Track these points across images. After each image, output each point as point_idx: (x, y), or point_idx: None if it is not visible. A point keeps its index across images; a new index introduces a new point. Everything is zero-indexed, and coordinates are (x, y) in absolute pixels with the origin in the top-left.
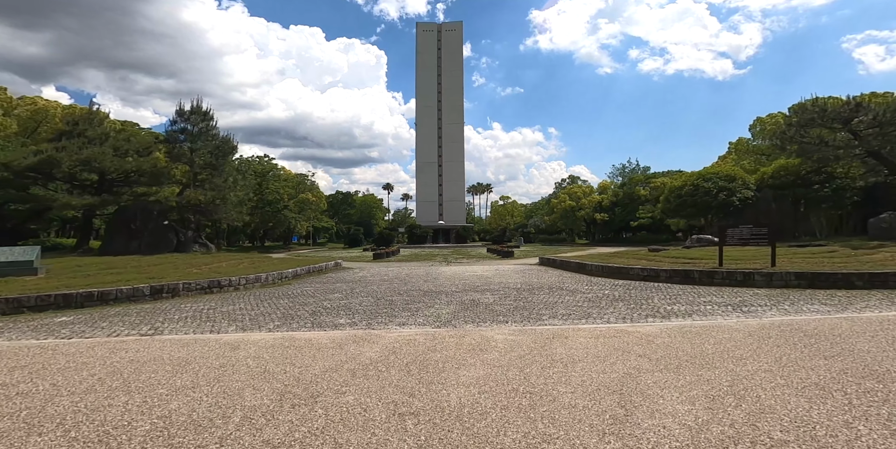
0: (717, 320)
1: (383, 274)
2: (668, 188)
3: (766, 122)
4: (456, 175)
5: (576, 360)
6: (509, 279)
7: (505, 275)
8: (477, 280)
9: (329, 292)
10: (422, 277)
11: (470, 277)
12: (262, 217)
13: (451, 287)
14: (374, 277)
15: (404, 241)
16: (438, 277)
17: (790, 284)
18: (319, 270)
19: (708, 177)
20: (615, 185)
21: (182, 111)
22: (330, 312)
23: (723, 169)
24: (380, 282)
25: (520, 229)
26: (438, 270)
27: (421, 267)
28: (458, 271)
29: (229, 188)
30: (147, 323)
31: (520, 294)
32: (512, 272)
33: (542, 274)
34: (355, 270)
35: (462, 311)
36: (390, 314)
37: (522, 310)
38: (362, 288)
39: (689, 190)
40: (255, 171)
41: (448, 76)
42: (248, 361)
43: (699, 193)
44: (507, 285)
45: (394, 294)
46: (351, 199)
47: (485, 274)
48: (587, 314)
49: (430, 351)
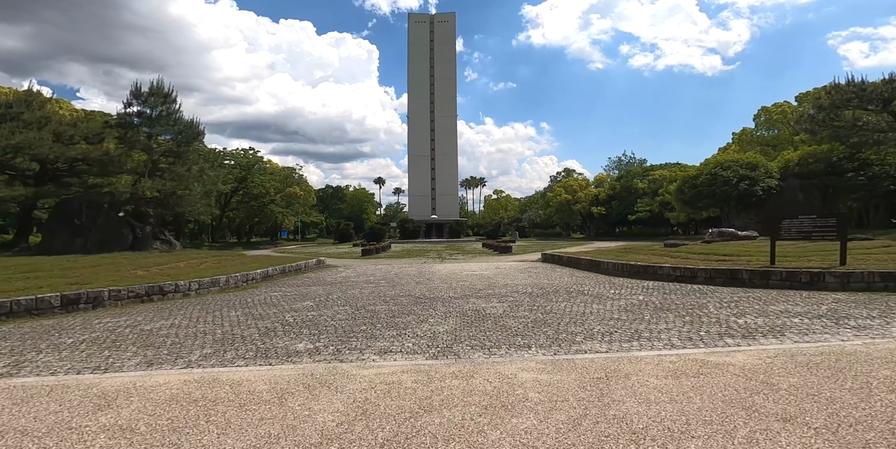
0: (832, 342)
1: (370, 274)
2: (679, 178)
3: (771, 112)
4: (449, 168)
5: (675, 433)
6: (515, 280)
7: (509, 275)
8: (477, 281)
9: (298, 299)
10: (413, 278)
11: (468, 277)
12: (247, 212)
13: (448, 291)
14: (359, 278)
15: (396, 236)
16: (432, 277)
17: (874, 286)
18: (297, 269)
19: (727, 165)
20: (612, 179)
21: (138, 92)
22: (289, 331)
23: (742, 157)
24: (364, 284)
25: (514, 223)
26: (432, 268)
27: (412, 265)
28: (454, 270)
29: (193, 178)
30: (17, 352)
31: (534, 301)
32: (516, 271)
33: (551, 273)
34: (339, 269)
35: (465, 327)
36: (370, 334)
37: (544, 326)
38: (341, 293)
39: (706, 179)
40: (239, 165)
41: (441, 68)
42: (99, 440)
43: (717, 183)
44: (514, 289)
45: (378, 302)
46: (341, 194)
47: (485, 273)
48: (635, 333)
49: (423, 410)
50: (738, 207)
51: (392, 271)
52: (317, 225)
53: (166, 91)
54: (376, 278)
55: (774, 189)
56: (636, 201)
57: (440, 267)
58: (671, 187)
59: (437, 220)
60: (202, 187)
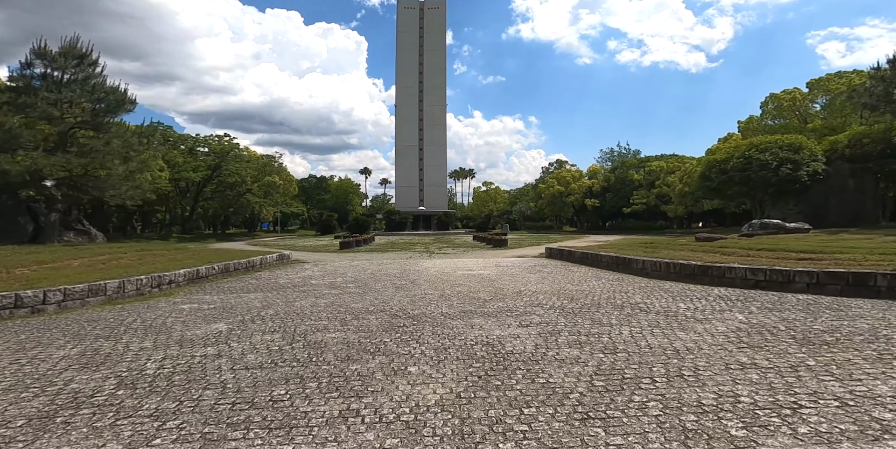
0: None
1: (340, 273)
2: (703, 163)
3: (781, 99)
4: (437, 159)
5: None
6: (529, 284)
7: (516, 276)
8: (478, 285)
9: (212, 318)
10: (393, 280)
11: (465, 278)
12: (221, 202)
13: (440, 304)
14: (322, 280)
15: (382, 228)
16: (418, 278)
17: None
18: (247, 267)
19: (764, 146)
20: (605, 170)
21: (42, 51)
22: (102, 413)
23: (781, 137)
24: (324, 290)
25: (505, 216)
26: (418, 265)
27: (395, 260)
28: (445, 268)
29: (115, 154)
30: None
31: (575, 324)
32: (522, 271)
33: (569, 274)
34: (305, 266)
35: (475, 389)
36: (281, 416)
37: (626, 386)
38: (283, 306)
39: (738, 164)
40: (213, 152)
41: (430, 56)
42: None
43: (753, 167)
44: (534, 299)
45: (332, 323)
46: (325, 184)
47: (484, 273)
48: (833, 414)
49: None
50: (774, 196)
51: (369, 270)
52: (298, 216)
53: (83, 51)
54: (345, 280)
55: (820, 174)
56: (632, 193)
57: (428, 263)
58: (670, 179)
59: (424, 211)
60: (126, 166)
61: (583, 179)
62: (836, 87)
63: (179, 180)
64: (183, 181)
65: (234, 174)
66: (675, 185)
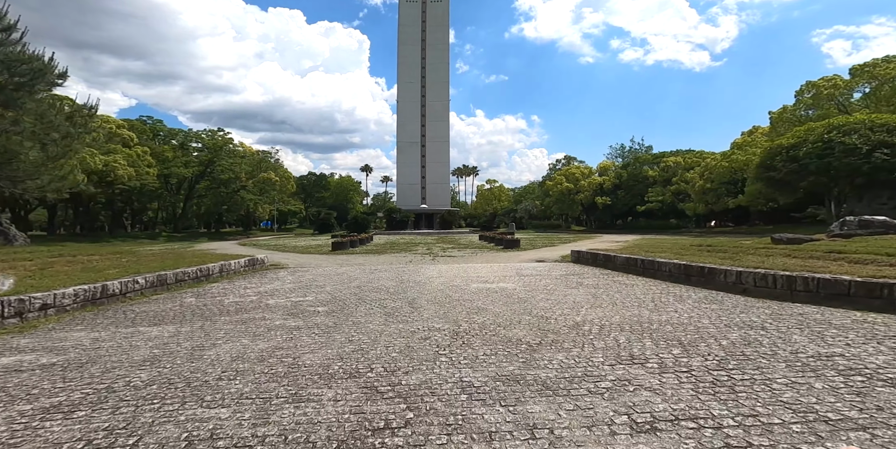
0: None
1: (316, 286)
2: (762, 151)
3: (820, 87)
4: (440, 156)
5: None
6: (580, 310)
7: (551, 292)
8: (506, 311)
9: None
10: (383, 300)
11: (482, 296)
12: (214, 199)
13: (456, 356)
14: (284, 300)
15: (383, 227)
16: (419, 297)
17: None
18: (198, 277)
19: (850, 128)
20: (617, 167)
21: None
22: None
23: (872, 117)
24: (277, 320)
25: (510, 214)
26: (420, 273)
27: (393, 265)
28: (453, 278)
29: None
30: None
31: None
32: (555, 283)
33: (626, 290)
34: (279, 274)
35: None
36: None
37: None
38: (183, 361)
39: (815, 149)
40: (206, 147)
41: (433, 50)
42: None
43: (835, 153)
44: (612, 344)
45: (228, 426)
46: (325, 182)
47: (507, 286)
48: None
49: None
50: (863, 187)
51: (356, 280)
52: (295, 214)
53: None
54: (317, 299)
55: None
56: (647, 190)
57: (431, 270)
58: (689, 175)
59: (427, 209)
60: (41, 152)
61: (593, 176)
62: (883, 73)
63: (170, 176)
64: (174, 177)
65: (227, 170)
66: (695, 181)
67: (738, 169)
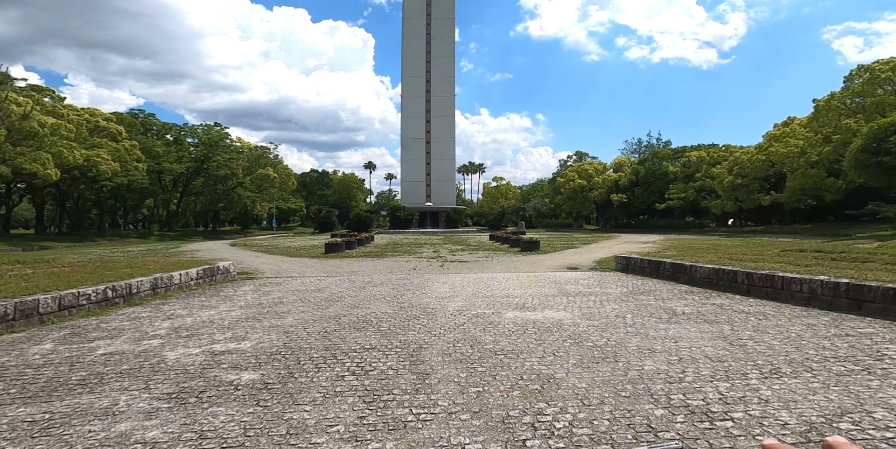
0: None
1: (274, 315)
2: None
3: (876, 70)
4: (445, 152)
5: None
6: (767, 391)
7: (637, 328)
8: (581, 373)
9: None
10: (370, 345)
11: (526, 333)
12: (210, 196)
13: None
14: (193, 352)
15: (386, 225)
16: (427, 345)
17: None
18: (113, 297)
19: None
20: (633, 162)
21: None
22: None
23: None
24: (130, 421)
25: (519, 213)
26: (427, 289)
27: (391, 275)
28: (474, 296)
29: None
30: None
31: None
32: (632, 309)
33: (767, 324)
34: (238, 292)
35: None
36: None
37: None
38: None
39: None
40: (202, 142)
41: (438, 44)
42: None
43: None
44: None
45: None
46: (327, 179)
47: (556, 315)
48: None
49: None
50: None
51: (335, 306)
52: (296, 212)
53: None
54: (252, 353)
55: None
56: (666, 187)
57: (442, 285)
58: (715, 170)
59: (432, 207)
60: None
61: (607, 173)
62: None
63: (162, 172)
64: (167, 174)
65: (223, 166)
66: (723, 176)
67: (779, 162)
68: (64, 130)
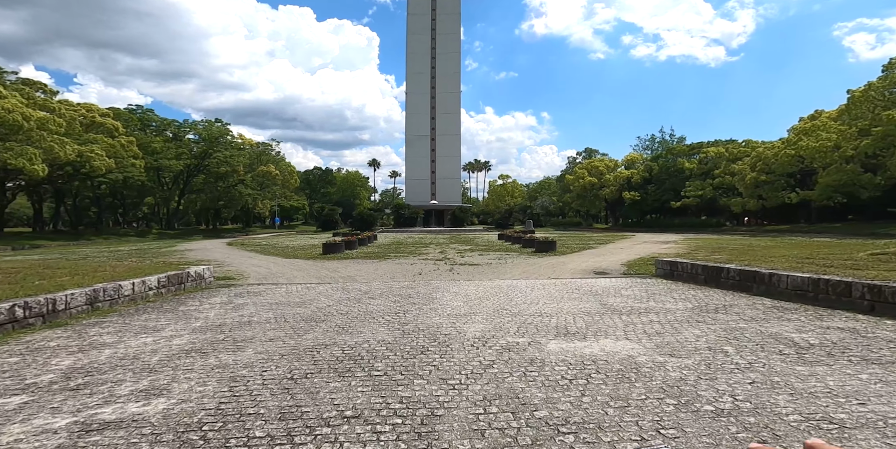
0: None
1: (232, 346)
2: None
3: None
4: (450, 150)
5: None
6: None
7: (757, 374)
8: None
9: None
10: (357, 412)
11: (590, 387)
12: (210, 194)
13: None
14: (62, 427)
15: (390, 223)
16: (441, 410)
17: None
18: (26, 317)
19: None
20: (646, 159)
21: None
22: None
23: None
24: None
25: (526, 211)
26: (436, 303)
27: (394, 283)
28: (497, 315)
29: None
30: None
31: None
32: (725, 337)
33: None
34: (211, 302)
35: None
36: None
37: None
38: None
39: None
40: (202, 138)
41: (443, 40)
42: None
43: None
44: None
45: None
46: (331, 177)
47: (620, 348)
48: None
49: None
50: None
51: (318, 329)
52: (299, 210)
53: None
54: (157, 430)
55: None
56: (682, 184)
57: (455, 298)
58: (736, 167)
59: (437, 206)
60: None
61: (619, 170)
62: None
63: (161, 169)
64: (166, 171)
65: (223, 163)
66: (745, 173)
67: (809, 157)
68: (52, 125)
